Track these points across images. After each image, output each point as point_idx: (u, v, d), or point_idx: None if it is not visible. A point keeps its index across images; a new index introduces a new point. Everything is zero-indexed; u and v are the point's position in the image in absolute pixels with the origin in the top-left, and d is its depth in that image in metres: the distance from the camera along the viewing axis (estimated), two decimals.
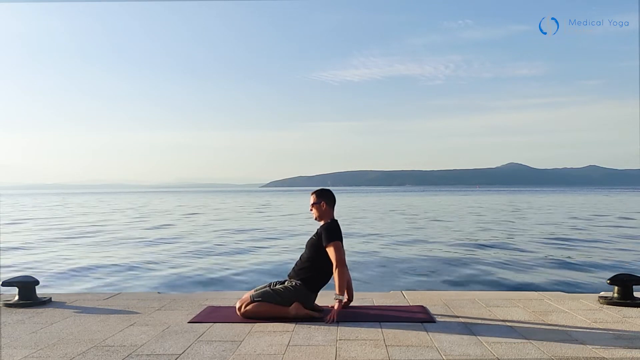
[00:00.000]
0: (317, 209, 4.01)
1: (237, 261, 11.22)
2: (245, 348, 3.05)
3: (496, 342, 3.12)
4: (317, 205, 4.00)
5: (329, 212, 4.01)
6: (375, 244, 14.08)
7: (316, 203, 4.01)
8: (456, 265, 10.41)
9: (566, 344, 3.08)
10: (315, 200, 4.02)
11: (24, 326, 3.62)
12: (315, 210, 4.01)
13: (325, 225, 3.93)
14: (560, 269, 9.92)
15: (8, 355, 2.96)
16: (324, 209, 3.99)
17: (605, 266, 10.20)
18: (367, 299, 4.42)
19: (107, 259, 11.56)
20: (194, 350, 3.02)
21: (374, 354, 2.92)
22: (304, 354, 2.93)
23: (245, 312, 3.74)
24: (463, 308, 4.08)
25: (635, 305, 4.05)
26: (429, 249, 13.24)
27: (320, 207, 3.99)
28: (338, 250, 3.78)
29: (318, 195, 4.04)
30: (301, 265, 3.92)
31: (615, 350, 2.95)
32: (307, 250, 3.96)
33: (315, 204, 4.01)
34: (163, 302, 4.39)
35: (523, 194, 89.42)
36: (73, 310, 4.11)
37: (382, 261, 10.99)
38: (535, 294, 4.69)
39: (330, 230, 3.86)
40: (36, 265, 10.68)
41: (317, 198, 4.02)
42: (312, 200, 4.04)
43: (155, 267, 10.47)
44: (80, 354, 2.97)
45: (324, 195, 4.04)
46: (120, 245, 14.55)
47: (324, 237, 3.82)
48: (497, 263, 10.73)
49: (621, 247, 13.50)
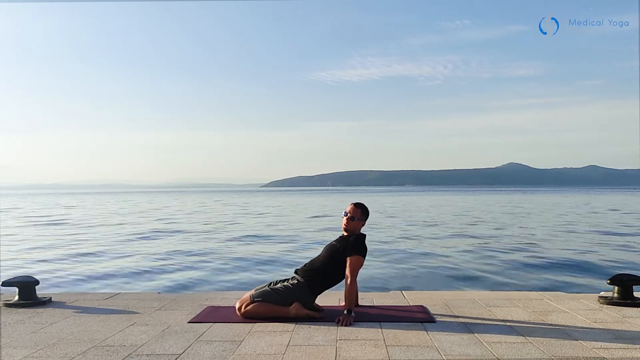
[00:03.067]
0: (352, 224, 3.95)
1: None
2: (245, 348, 3.05)
3: (496, 342, 3.12)
4: (355, 222, 3.95)
5: (359, 230, 4.00)
6: (375, 244, 14.08)
7: (355, 218, 3.95)
8: (456, 265, 10.41)
9: (566, 344, 3.08)
10: (355, 214, 3.96)
11: (24, 326, 3.62)
12: (350, 223, 3.95)
13: (357, 236, 3.90)
14: (560, 269, 9.92)
15: (8, 355, 2.96)
16: (359, 227, 3.98)
17: (605, 266, 10.20)
18: (367, 299, 4.42)
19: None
20: (194, 350, 3.02)
21: (374, 354, 2.92)
22: (304, 354, 2.93)
23: (245, 312, 3.74)
24: (463, 308, 4.07)
25: (635, 305, 4.05)
26: (429, 248, 13.24)
27: (357, 224, 3.96)
28: (358, 264, 3.77)
29: (362, 212, 3.98)
30: (312, 267, 3.90)
31: (615, 350, 2.95)
32: (323, 254, 3.94)
33: (354, 218, 3.95)
34: (163, 302, 4.39)
35: (523, 193, 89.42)
36: (73, 310, 4.11)
37: (382, 261, 10.99)
38: (535, 294, 4.69)
39: (360, 243, 3.85)
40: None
41: (360, 214, 3.96)
42: (351, 212, 3.96)
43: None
44: (80, 354, 2.97)
45: (366, 215, 4.01)
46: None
47: (353, 246, 3.79)
48: (497, 263, 10.73)
49: (621, 247, 13.51)
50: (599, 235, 16.36)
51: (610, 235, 16.30)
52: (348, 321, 3.57)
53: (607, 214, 28.00)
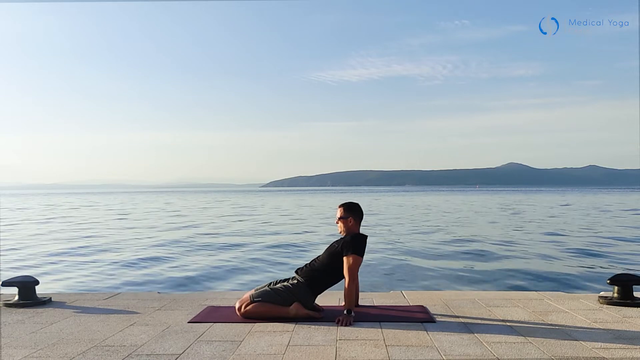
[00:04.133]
0: (343, 224, 3.89)
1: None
2: (245, 348, 3.05)
3: (496, 342, 3.12)
4: (344, 220, 3.89)
5: (355, 228, 3.91)
6: (374, 244, 14.07)
7: (343, 217, 3.89)
8: (456, 265, 10.41)
9: (566, 344, 3.07)
10: (342, 214, 3.90)
11: (24, 326, 3.62)
12: (342, 224, 3.90)
13: (352, 235, 3.85)
14: (561, 269, 9.92)
15: (8, 355, 2.96)
16: (351, 225, 3.89)
17: (605, 266, 10.21)
18: (367, 299, 4.41)
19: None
20: (194, 350, 3.02)
21: (374, 354, 2.92)
22: (304, 354, 2.93)
23: (245, 312, 3.74)
24: (463, 308, 4.07)
25: (635, 305, 4.05)
26: (429, 248, 13.24)
27: (347, 222, 3.89)
28: (355, 263, 3.72)
29: (346, 209, 3.90)
30: (313, 267, 3.89)
31: (615, 350, 2.95)
32: (324, 254, 3.91)
33: (342, 218, 3.89)
34: (163, 302, 4.39)
35: (523, 193, 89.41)
36: (73, 310, 4.10)
37: (382, 261, 10.98)
38: (535, 294, 4.69)
39: (356, 241, 3.78)
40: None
41: (344, 212, 3.90)
42: (339, 214, 3.91)
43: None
44: (80, 354, 2.97)
45: (352, 210, 3.91)
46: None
47: (348, 246, 3.74)
48: (497, 263, 10.73)
49: (621, 247, 13.51)
50: (599, 235, 16.36)
51: (610, 235, 16.29)
52: (348, 321, 3.57)
53: (607, 214, 28.00)
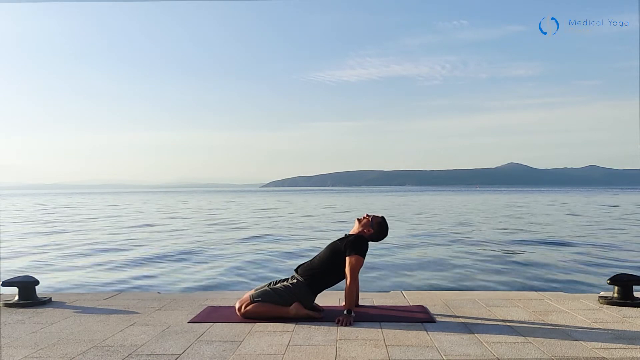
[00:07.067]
0: (363, 226, 3.93)
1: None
2: (245, 348, 3.05)
3: (496, 342, 3.12)
4: (367, 226, 3.92)
5: (364, 232, 3.94)
6: (375, 244, 14.07)
7: (370, 224, 3.93)
8: (456, 265, 10.41)
9: (566, 344, 3.07)
10: (372, 220, 3.94)
11: (24, 326, 3.62)
12: (362, 226, 3.93)
13: (356, 235, 3.87)
14: (560, 269, 9.91)
15: (8, 355, 2.96)
16: (366, 233, 3.92)
17: (605, 266, 10.20)
18: (367, 299, 4.41)
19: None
20: (194, 350, 3.02)
21: (374, 354, 2.92)
22: (304, 354, 2.93)
23: (245, 312, 3.74)
24: (463, 308, 4.07)
25: (635, 305, 4.05)
26: (429, 248, 13.24)
27: (366, 229, 3.92)
28: (357, 264, 3.73)
29: (378, 222, 3.94)
30: (312, 265, 3.88)
31: (615, 350, 2.95)
32: (325, 252, 3.90)
33: (369, 224, 3.93)
34: (163, 302, 4.39)
35: (523, 193, 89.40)
36: (73, 310, 4.10)
37: (382, 260, 10.98)
38: (535, 294, 4.69)
39: (359, 242, 3.81)
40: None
41: (374, 222, 3.93)
42: (372, 218, 3.96)
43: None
44: (80, 354, 2.97)
45: (380, 226, 3.94)
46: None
47: (350, 246, 3.76)
48: (497, 263, 10.73)
49: (621, 247, 13.50)
50: (599, 235, 16.35)
51: (610, 235, 16.29)
52: (348, 321, 3.57)
53: (607, 214, 28.00)
